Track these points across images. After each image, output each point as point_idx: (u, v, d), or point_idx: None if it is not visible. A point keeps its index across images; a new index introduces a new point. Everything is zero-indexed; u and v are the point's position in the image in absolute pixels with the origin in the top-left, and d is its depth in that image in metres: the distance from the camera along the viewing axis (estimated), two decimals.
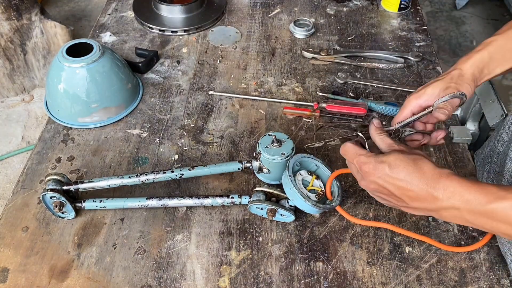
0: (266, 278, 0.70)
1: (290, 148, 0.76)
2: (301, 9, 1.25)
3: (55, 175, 0.75)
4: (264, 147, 0.77)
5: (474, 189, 0.58)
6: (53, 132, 0.92)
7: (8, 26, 2.02)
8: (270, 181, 0.81)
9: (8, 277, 0.70)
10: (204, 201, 0.76)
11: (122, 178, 0.77)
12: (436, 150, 0.88)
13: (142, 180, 0.77)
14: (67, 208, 0.75)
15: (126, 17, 1.22)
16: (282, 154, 0.76)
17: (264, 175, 0.80)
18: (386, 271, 0.70)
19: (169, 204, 0.77)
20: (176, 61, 1.09)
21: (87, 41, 0.91)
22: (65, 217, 0.77)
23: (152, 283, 0.69)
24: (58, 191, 0.73)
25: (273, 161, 0.76)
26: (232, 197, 0.76)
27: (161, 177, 0.78)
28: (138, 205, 0.76)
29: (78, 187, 0.76)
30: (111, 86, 0.92)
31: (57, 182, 0.74)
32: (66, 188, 0.75)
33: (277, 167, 0.77)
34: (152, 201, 0.76)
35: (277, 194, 0.75)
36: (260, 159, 0.78)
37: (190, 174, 0.78)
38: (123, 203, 0.77)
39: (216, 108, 0.97)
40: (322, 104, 0.94)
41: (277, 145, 0.76)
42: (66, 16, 2.74)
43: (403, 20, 1.21)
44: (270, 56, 1.10)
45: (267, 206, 0.73)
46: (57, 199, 0.74)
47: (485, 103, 0.88)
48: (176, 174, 0.78)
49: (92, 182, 0.77)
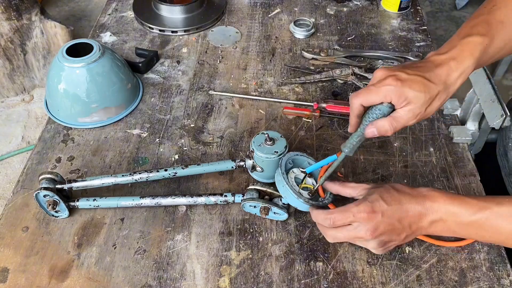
0: (266, 278, 0.70)
1: (283, 146, 0.77)
2: (301, 9, 1.25)
3: (49, 173, 0.75)
4: (257, 146, 0.77)
5: (457, 202, 0.62)
6: (53, 132, 0.92)
7: (8, 26, 2.02)
8: (263, 180, 0.81)
9: (8, 277, 0.70)
10: (198, 199, 0.77)
11: (116, 177, 0.77)
12: (436, 150, 0.88)
13: (135, 178, 0.77)
14: (61, 207, 0.75)
15: (126, 17, 1.22)
16: (275, 152, 0.76)
17: (258, 174, 0.80)
18: (386, 271, 0.70)
19: (163, 203, 0.77)
20: (176, 61, 1.09)
21: (87, 41, 0.91)
22: (59, 216, 0.77)
23: (152, 283, 0.69)
24: (52, 189, 0.73)
25: (266, 160, 0.76)
26: (225, 195, 0.77)
27: (154, 175, 0.78)
28: (131, 204, 0.77)
29: (72, 185, 0.76)
30: (111, 86, 0.92)
31: (51, 181, 0.74)
32: (60, 186, 0.75)
33: (270, 166, 0.77)
34: (146, 200, 0.76)
35: (270, 192, 0.75)
36: (253, 157, 0.78)
37: (184, 172, 0.79)
38: (116, 202, 0.77)
39: (216, 108, 0.97)
40: (322, 104, 0.94)
41: (270, 144, 0.77)
42: (66, 16, 2.74)
43: (403, 20, 1.21)
44: (270, 56, 1.10)
45: (260, 204, 0.74)
46: (50, 198, 0.74)
47: (485, 103, 0.88)
48: (169, 172, 0.78)
49: (85, 180, 0.77)
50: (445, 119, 0.94)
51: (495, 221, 0.61)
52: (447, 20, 2.76)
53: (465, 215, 0.61)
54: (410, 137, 0.90)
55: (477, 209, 0.61)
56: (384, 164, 0.85)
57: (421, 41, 1.14)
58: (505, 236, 0.62)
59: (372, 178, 0.83)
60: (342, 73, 1.03)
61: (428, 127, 0.92)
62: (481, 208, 0.61)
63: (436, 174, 0.84)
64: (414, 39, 1.15)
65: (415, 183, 0.82)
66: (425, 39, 1.15)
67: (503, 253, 0.72)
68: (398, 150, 0.88)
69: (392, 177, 0.83)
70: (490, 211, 0.61)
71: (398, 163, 0.86)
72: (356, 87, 1.01)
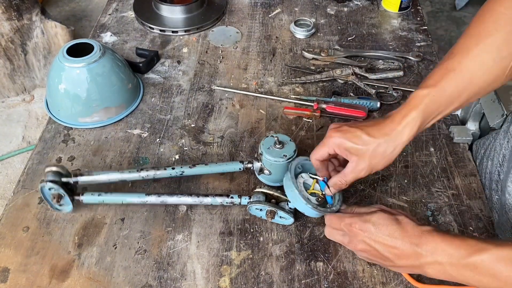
0: (266, 278, 0.70)
1: (292, 151, 0.76)
2: (302, 9, 1.25)
3: (55, 166, 0.74)
4: (266, 149, 0.76)
5: (456, 243, 0.59)
6: (53, 132, 0.92)
7: (8, 26, 2.02)
8: (270, 183, 0.80)
9: (9, 277, 0.70)
10: (204, 199, 0.76)
11: (123, 173, 0.77)
12: (436, 150, 0.88)
13: (142, 175, 0.77)
14: (65, 200, 0.75)
15: (126, 17, 1.22)
16: (284, 156, 0.75)
17: (265, 177, 0.80)
18: (387, 271, 0.70)
19: (168, 201, 0.77)
20: (177, 61, 1.09)
21: (88, 41, 0.92)
22: (62, 210, 0.77)
23: (153, 283, 0.69)
24: (57, 182, 0.73)
25: (275, 163, 0.76)
26: (232, 197, 0.76)
27: (161, 173, 0.78)
28: (137, 201, 0.76)
29: (78, 179, 0.76)
30: (111, 86, 0.92)
31: (57, 174, 0.74)
32: (65, 180, 0.75)
33: (278, 169, 0.77)
34: (151, 197, 0.76)
35: (277, 196, 0.75)
36: (262, 160, 0.77)
37: (191, 172, 0.78)
38: (122, 198, 0.76)
39: (216, 108, 0.97)
40: (322, 105, 0.94)
41: (280, 147, 0.76)
42: (67, 16, 2.74)
43: (404, 20, 1.21)
44: (270, 56, 1.10)
45: (267, 208, 0.73)
46: (55, 191, 0.73)
47: (486, 103, 0.88)
48: (177, 171, 0.78)
49: (92, 175, 0.76)
50: (445, 119, 0.94)
51: (492, 265, 0.56)
52: (447, 20, 2.76)
53: (461, 256, 0.58)
54: None
55: (474, 250, 0.57)
56: None
57: (422, 41, 1.14)
58: (504, 282, 0.57)
59: (373, 178, 0.83)
60: (343, 73, 1.03)
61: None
62: (479, 250, 0.57)
63: (437, 174, 0.84)
64: (414, 39, 1.15)
65: (415, 183, 0.82)
66: (425, 39, 1.15)
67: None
68: None
69: (392, 177, 0.83)
70: (489, 253, 0.57)
71: (398, 163, 0.86)
72: (357, 87, 1.01)
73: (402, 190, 0.82)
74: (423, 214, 0.78)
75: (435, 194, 0.81)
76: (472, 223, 0.77)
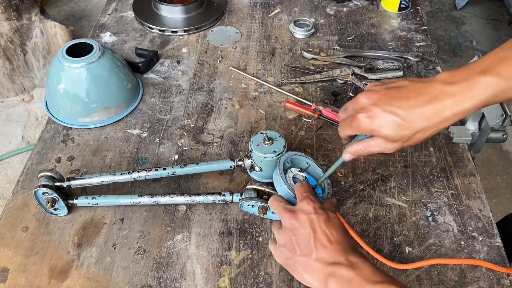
0: (266, 278, 0.70)
1: (282, 146, 0.77)
2: (301, 9, 1.25)
3: (48, 171, 0.75)
4: (256, 145, 0.77)
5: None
6: (53, 132, 0.92)
7: (8, 26, 2.02)
8: (262, 179, 0.81)
9: (8, 277, 0.70)
10: (196, 198, 0.77)
11: (114, 175, 0.78)
12: (436, 150, 0.88)
13: (134, 177, 0.78)
14: (60, 204, 0.75)
15: (126, 17, 1.22)
16: (274, 152, 0.76)
17: (256, 173, 0.80)
18: (386, 271, 0.70)
19: (161, 201, 0.77)
20: (176, 61, 1.09)
21: (87, 41, 0.92)
22: (58, 214, 0.77)
23: (152, 283, 0.69)
24: (51, 187, 0.73)
25: (265, 159, 0.76)
26: (224, 194, 0.77)
27: (153, 174, 0.78)
28: (130, 202, 0.77)
29: (71, 183, 0.76)
30: (111, 86, 0.92)
31: (50, 179, 0.74)
32: (59, 184, 0.75)
33: (269, 165, 0.77)
34: (144, 198, 0.76)
35: (268, 192, 0.75)
36: (252, 157, 0.78)
37: (182, 171, 0.79)
38: (115, 200, 0.77)
39: (216, 108, 0.97)
40: (319, 107, 0.93)
41: (269, 143, 0.77)
42: (66, 16, 2.74)
43: (403, 20, 1.21)
44: (270, 56, 1.10)
45: (258, 204, 0.74)
46: (49, 195, 0.74)
47: None
48: (168, 171, 0.78)
49: (84, 178, 0.77)
50: None
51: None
52: (447, 20, 2.76)
53: (361, 283, 0.55)
54: None
55: (371, 282, 0.55)
56: (384, 164, 0.85)
57: (421, 41, 1.14)
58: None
59: (372, 178, 0.83)
60: (342, 73, 1.03)
61: None
62: (377, 282, 0.54)
63: (436, 174, 0.84)
64: (414, 39, 1.15)
65: (415, 183, 0.82)
66: (425, 39, 1.15)
67: (503, 253, 0.73)
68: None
69: (392, 177, 0.83)
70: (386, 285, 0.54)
71: (398, 163, 0.86)
72: (356, 87, 1.01)
73: (402, 190, 0.82)
74: (423, 214, 0.78)
75: (435, 194, 0.81)
76: (471, 223, 0.77)
